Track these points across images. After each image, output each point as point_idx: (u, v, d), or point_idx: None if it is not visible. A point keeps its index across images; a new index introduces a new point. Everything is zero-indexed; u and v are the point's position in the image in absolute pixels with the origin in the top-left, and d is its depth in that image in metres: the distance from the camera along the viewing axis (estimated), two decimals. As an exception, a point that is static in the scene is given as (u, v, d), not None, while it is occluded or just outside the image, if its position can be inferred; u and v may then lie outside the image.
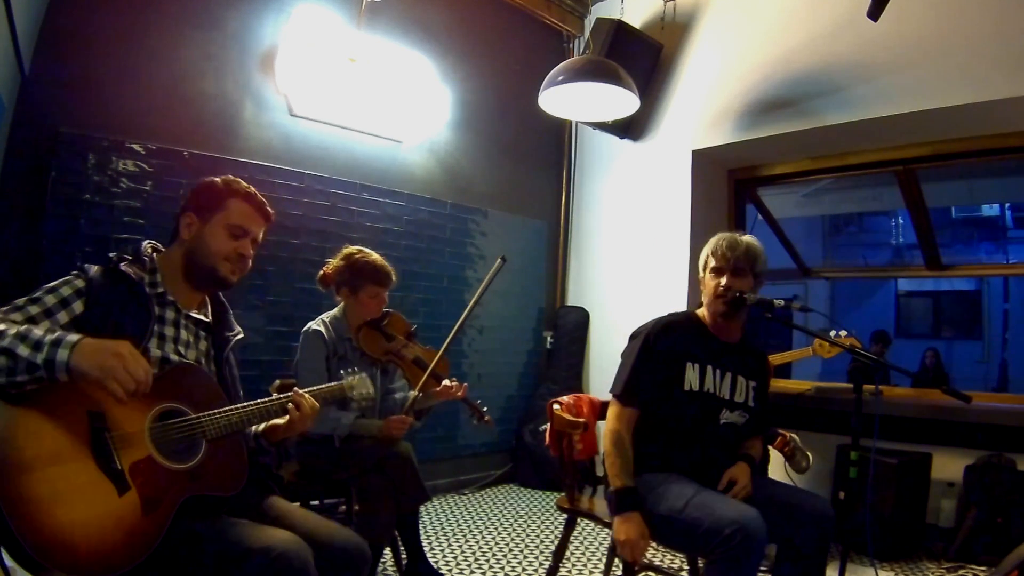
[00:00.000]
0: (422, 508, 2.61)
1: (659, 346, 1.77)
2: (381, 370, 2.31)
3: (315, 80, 3.07)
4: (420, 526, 2.34)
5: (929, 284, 9.19)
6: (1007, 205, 8.39)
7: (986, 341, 8.82)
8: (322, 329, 2.16)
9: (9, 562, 0.96)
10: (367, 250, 2.27)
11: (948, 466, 2.90)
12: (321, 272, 2.30)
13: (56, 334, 1.08)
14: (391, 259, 2.30)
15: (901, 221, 8.66)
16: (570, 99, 3.15)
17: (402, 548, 2.27)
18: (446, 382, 2.25)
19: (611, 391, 1.81)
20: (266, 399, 1.39)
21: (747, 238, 1.84)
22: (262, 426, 1.47)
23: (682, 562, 2.59)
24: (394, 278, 2.27)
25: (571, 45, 4.38)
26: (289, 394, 1.43)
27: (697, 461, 1.77)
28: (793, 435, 2.61)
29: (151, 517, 1.13)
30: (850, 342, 2.48)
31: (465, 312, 2.27)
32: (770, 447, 2.64)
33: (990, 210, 8.59)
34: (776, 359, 2.70)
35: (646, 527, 1.61)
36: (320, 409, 1.47)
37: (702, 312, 1.90)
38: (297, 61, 3.02)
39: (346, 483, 2.16)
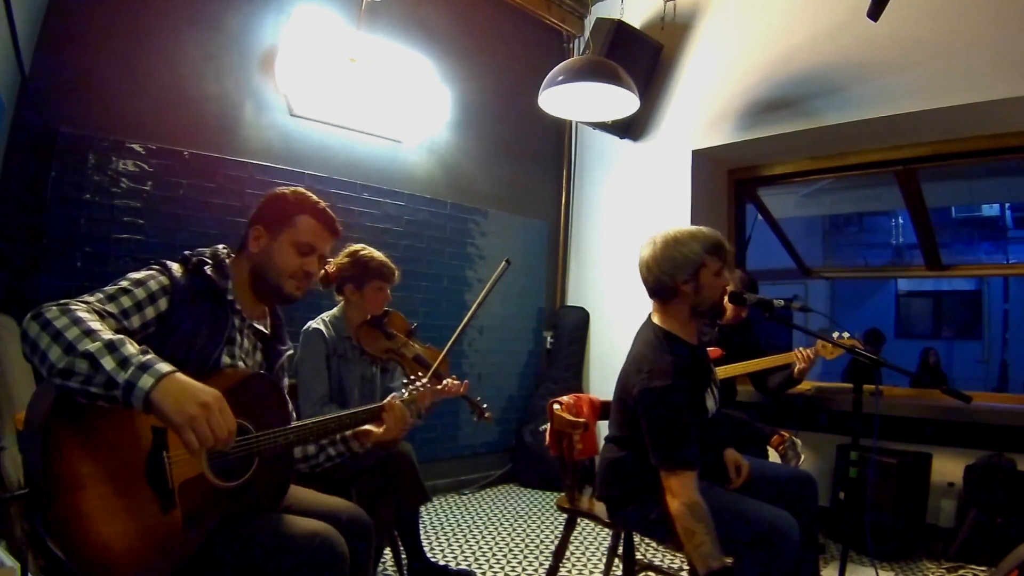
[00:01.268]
0: (422, 508, 2.61)
1: (687, 393, 1.60)
2: (381, 368, 2.32)
3: (315, 80, 3.07)
4: (420, 526, 2.35)
5: (929, 284, 9.21)
6: (1007, 205, 8.41)
7: (986, 341, 8.84)
8: (322, 328, 2.17)
9: (9, 561, 0.96)
10: (370, 247, 2.29)
11: (948, 466, 2.90)
12: (323, 271, 2.30)
13: (147, 356, 1.03)
14: (391, 259, 2.30)
15: (901, 221, 8.67)
16: (570, 99, 3.15)
17: (402, 548, 2.28)
18: (447, 379, 2.26)
19: (677, 467, 1.53)
20: (325, 417, 1.43)
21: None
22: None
23: (682, 562, 2.59)
24: (398, 275, 2.29)
25: (571, 45, 4.38)
26: (379, 404, 1.53)
27: (708, 462, 1.76)
28: (793, 437, 2.61)
29: (190, 532, 1.14)
30: (852, 343, 2.48)
31: (470, 313, 2.28)
32: (768, 447, 2.65)
33: (990, 210, 8.60)
34: (778, 360, 2.70)
35: None
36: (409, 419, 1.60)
37: (672, 327, 1.73)
38: (297, 61, 3.02)
39: (346, 483, 2.16)
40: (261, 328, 1.46)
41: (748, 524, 1.52)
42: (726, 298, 1.77)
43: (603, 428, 1.95)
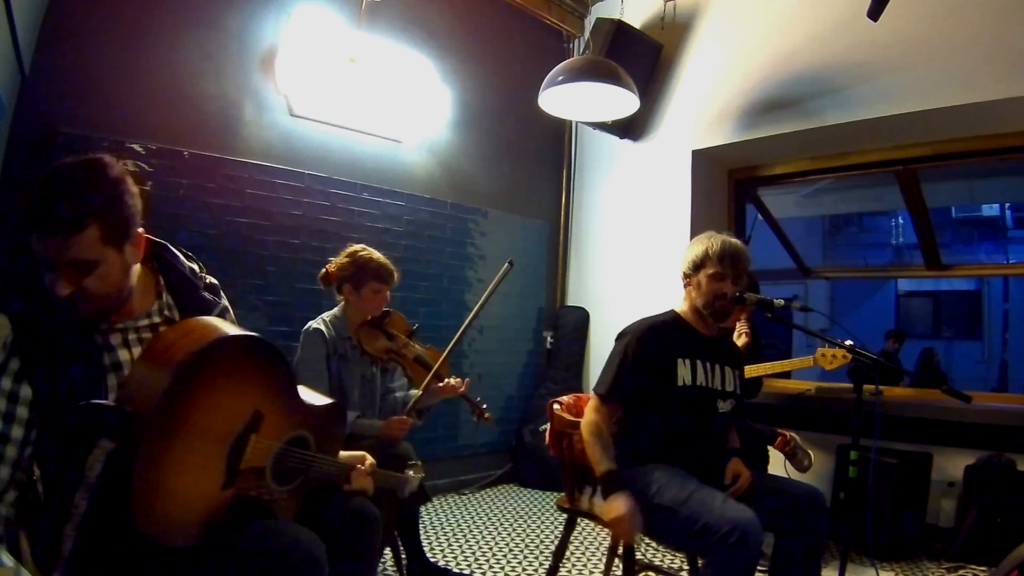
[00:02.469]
0: (422, 508, 2.61)
1: (647, 347, 1.78)
2: (381, 369, 2.32)
3: (315, 80, 3.07)
4: (420, 526, 2.35)
5: (929, 284, 9.19)
6: (1007, 205, 8.39)
7: (986, 341, 8.82)
8: (323, 328, 2.16)
9: (8, 561, 0.95)
10: (371, 248, 2.29)
11: (948, 466, 2.90)
12: (324, 270, 2.30)
13: None
14: (391, 259, 2.30)
15: (901, 221, 8.66)
16: (570, 99, 3.15)
17: (402, 548, 2.28)
18: (448, 379, 2.26)
19: (594, 390, 1.83)
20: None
21: (740, 243, 1.87)
22: None
23: (682, 562, 2.59)
24: (397, 276, 2.29)
25: (571, 45, 4.38)
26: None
27: (697, 453, 1.78)
28: (793, 435, 2.61)
29: (228, 515, 1.15)
30: (849, 349, 2.47)
31: (471, 315, 2.28)
32: (770, 447, 2.65)
33: (990, 210, 8.59)
34: (776, 367, 2.68)
35: (636, 505, 1.61)
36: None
37: (683, 310, 1.92)
38: (297, 61, 3.02)
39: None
40: (153, 321, 1.21)
41: (709, 522, 1.51)
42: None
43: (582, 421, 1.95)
